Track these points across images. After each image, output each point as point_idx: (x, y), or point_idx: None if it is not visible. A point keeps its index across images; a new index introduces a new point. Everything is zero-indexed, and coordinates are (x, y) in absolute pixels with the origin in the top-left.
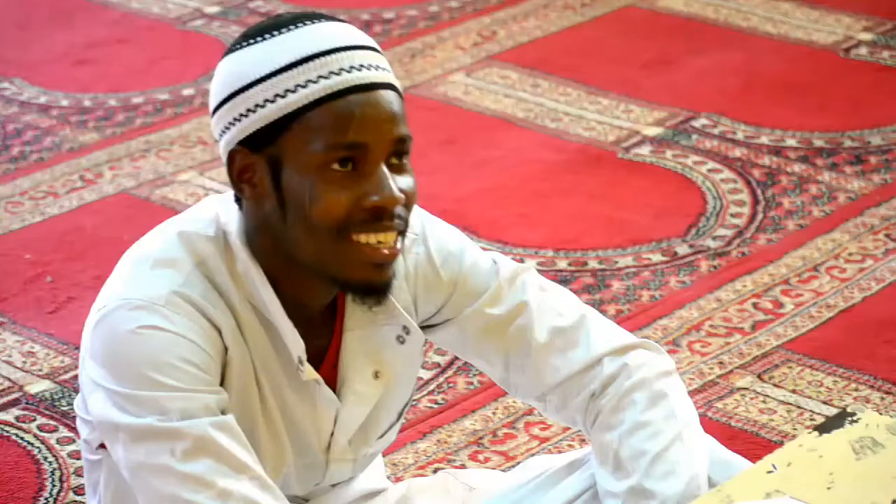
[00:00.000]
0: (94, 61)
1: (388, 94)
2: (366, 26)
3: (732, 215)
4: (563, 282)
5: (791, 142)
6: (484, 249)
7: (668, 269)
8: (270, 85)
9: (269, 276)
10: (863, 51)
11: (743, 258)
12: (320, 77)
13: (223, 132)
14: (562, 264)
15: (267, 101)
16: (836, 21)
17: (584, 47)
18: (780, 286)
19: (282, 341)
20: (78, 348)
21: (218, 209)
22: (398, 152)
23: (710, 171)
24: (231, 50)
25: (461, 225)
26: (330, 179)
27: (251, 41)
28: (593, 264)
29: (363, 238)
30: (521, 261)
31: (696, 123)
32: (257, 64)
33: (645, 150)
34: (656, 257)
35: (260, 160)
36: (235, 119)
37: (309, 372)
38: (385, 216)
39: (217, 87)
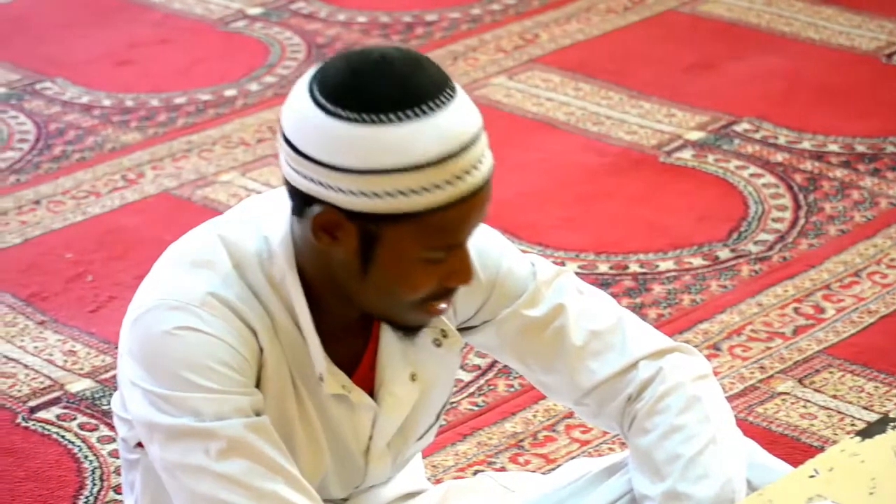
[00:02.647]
0: (137, 61)
1: (489, 188)
2: (408, 28)
3: (774, 220)
4: (605, 285)
5: (833, 147)
6: (524, 253)
7: (710, 273)
8: (385, 181)
9: (308, 286)
10: None
11: (784, 263)
12: (444, 183)
13: (306, 178)
14: (603, 268)
15: (379, 193)
16: (879, 27)
17: (626, 51)
18: (822, 291)
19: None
20: (118, 347)
21: (261, 212)
22: None
23: (751, 175)
24: (334, 110)
25: (502, 228)
26: (422, 268)
27: (364, 118)
28: (634, 268)
29: (435, 305)
30: (562, 264)
31: (738, 128)
32: (372, 153)
33: (687, 154)
34: (697, 261)
35: (352, 227)
36: (334, 188)
37: (330, 386)
38: (455, 290)
39: (311, 141)
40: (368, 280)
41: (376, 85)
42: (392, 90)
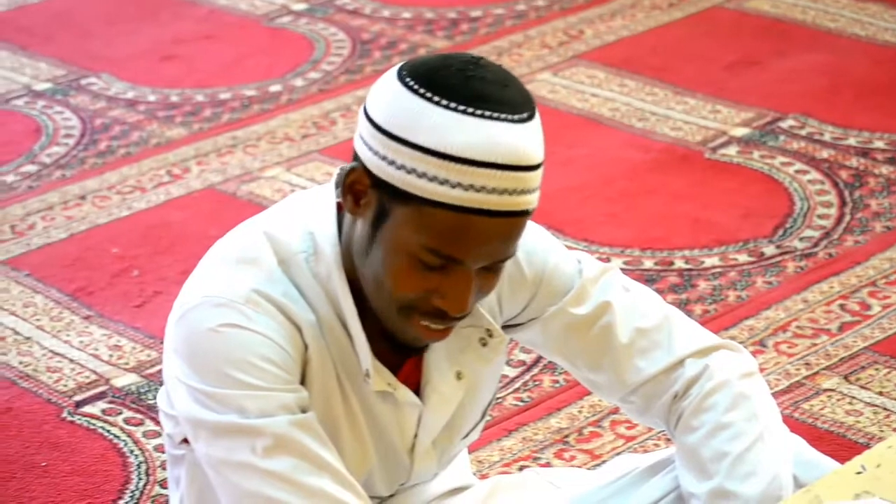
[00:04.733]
0: (182, 57)
1: (513, 223)
2: (453, 24)
3: (819, 217)
4: (649, 281)
5: (879, 143)
6: (569, 248)
7: (755, 269)
8: (418, 159)
9: (354, 283)
10: None
11: (830, 259)
12: (464, 186)
13: (362, 138)
14: (648, 264)
15: (398, 164)
16: None
17: (671, 47)
18: (867, 288)
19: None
20: (164, 342)
21: (306, 208)
22: (494, 265)
23: (797, 172)
24: (403, 77)
25: (547, 224)
26: (413, 265)
27: (422, 92)
28: (679, 264)
29: (423, 322)
30: (607, 260)
31: (784, 124)
32: (410, 124)
33: (732, 150)
34: (743, 258)
35: (374, 195)
36: (366, 145)
37: (376, 383)
38: (449, 317)
39: (372, 97)
40: (368, 261)
41: (453, 72)
42: (463, 82)
